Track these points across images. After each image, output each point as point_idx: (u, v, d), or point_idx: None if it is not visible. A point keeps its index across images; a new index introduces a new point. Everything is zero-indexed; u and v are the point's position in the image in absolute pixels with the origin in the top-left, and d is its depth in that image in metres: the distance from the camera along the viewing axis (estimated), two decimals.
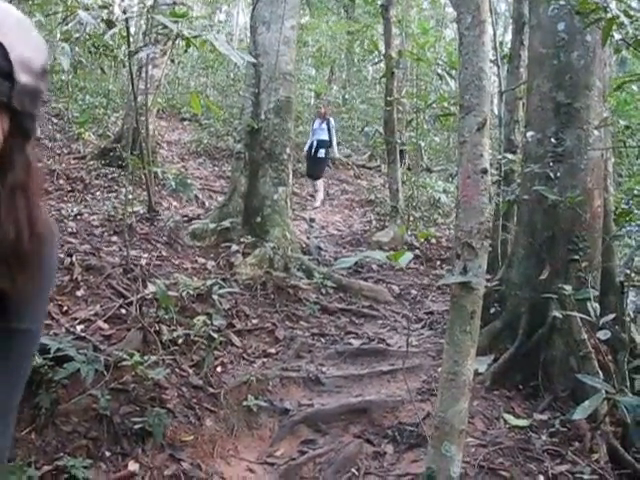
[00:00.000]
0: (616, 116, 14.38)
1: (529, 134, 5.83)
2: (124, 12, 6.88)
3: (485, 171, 2.84)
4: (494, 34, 10.82)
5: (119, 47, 12.02)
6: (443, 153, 19.24)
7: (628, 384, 4.62)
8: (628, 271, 5.28)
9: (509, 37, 11.30)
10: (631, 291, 5.82)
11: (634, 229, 6.06)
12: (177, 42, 6.10)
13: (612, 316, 4.63)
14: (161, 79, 11.28)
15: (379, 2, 13.07)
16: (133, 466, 3.90)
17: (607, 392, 4.18)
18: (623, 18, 4.43)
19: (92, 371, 4.05)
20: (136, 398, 4.35)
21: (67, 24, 5.74)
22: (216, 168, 14.35)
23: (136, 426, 4.10)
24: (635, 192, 7.95)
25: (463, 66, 2.92)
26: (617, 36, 4.74)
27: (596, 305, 4.77)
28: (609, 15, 4.41)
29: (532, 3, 6.21)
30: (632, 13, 4.38)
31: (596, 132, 5.53)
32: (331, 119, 13.90)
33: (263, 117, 7.99)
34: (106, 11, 6.56)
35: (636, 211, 6.15)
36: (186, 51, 6.32)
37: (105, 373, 4.28)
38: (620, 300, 5.05)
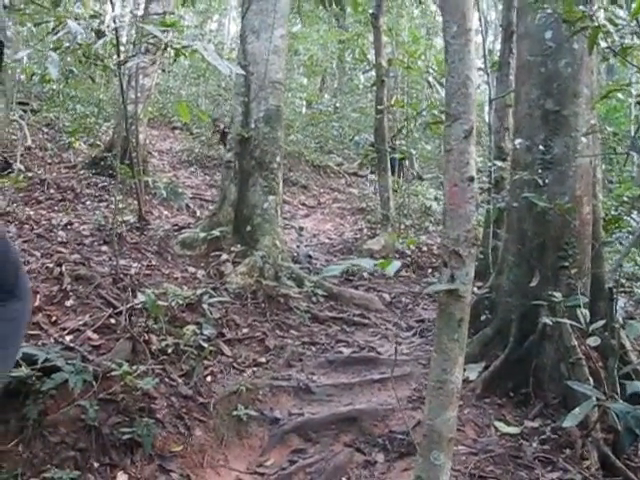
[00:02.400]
0: (606, 123, 14.47)
1: (518, 141, 5.85)
2: (114, 21, 6.88)
3: (472, 179, 2.83)
4: (484, 42, 10.88)
5: (110, 56, 12.01)
6: (434, 161, 19.27)
7: (618, 390, 4.62)
8: (617, 277, 5.29)
9: (499, 45, 11.35)
10: (621, 297, 5.83)
11: (623, 235, 6.09)
12: (167, 52, 6.09)
13: (602, 322, 4.64)
14: (152, 88, 11.28)
15: (369, 11, 13.12)
16: (122, 477, 3.89)
17: (598, 399, 4.18)
18: (609, 26, 4.47)
19: (80, 381, 4.03)
20: (125, 408, 4.33)
21: (56, 34, 5.71)
22: (207, 177, 14.34)
23: (125, 437, 4.09)
24: (624, 199, 7.99)
25: (449, 74, 2.92)
26: (603, 44, 4.76)
27: (586, 312, 4.78)
28: (595, 23, 4.44)
29: (520, 12, 6.24)
30: (617, 21, 4.40)
31: (584, 139, 5.55)
32: None
33: (253, 126, 7.98)
34: (97, 21, 6.56)
35: (625, 218, 6.18)
36: (175, 61, 6.32)
37: (94, 383, 4.27)
38: (610, 306, 5.05)
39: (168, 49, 5.99)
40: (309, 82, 26.12)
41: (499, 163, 8.25)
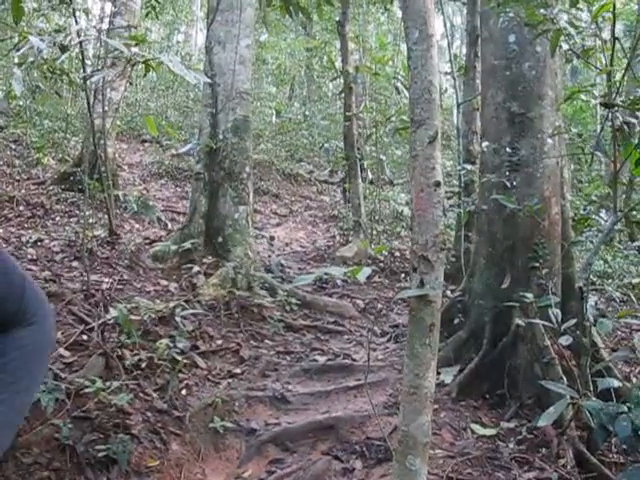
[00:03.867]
0: (572, 124, 14.64)
1: (485, 144, 5.90)
2: (78, 35, 6.84)
3: (438, 184, 2.85)
4: (449, 47, 10.97)
5: (76, 71, 11.96)
6: (405, 166, 19.34)
7: (591, 388, 4.66)
8: (587, 276, 5.34)
9: (465, 50, 11.44)
10: (592, 295, 5.88)
11: (593, 234, 6.15)
12: (136, 65, 6.06)
13: (573, 321, 4.68)
14: (120, 102, 11.21)
15: (336, 19, 13.16)
16: None
17: (571, 397, 4.22)
18: (570, 29, 4.52)
19: (52, 400, 3.99)
20: (99, 425, 4.28)
21: (18, 50, 5.67)
22: (178, 189, 14.27)
23: (100, 454, 4.04)
24: (593, 198, 8.08)
25: (412, 80, 2.93)
26: (565, 46, 4.81)
27: (557, 311, 4.82)
28: (556, 26, 4.49)
29: (483, 16, 6.31)
30: (577, 24, 4.46)
31: (550, 140, 5.61)
32: None
33: (221, 137, 7.96)
34: (62, 35, 6.51)
35: (594, 217, 6.24)
36: (145, 75, 6.26)
37: (67, 401, 4.22)
38: (580, 305, 5.10)
39: (134, 63, 5.97)
40: (278, 91, 26.13)
41: (468, 166, 8.31)
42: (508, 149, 5.64)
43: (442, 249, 2.90)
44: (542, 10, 4.55)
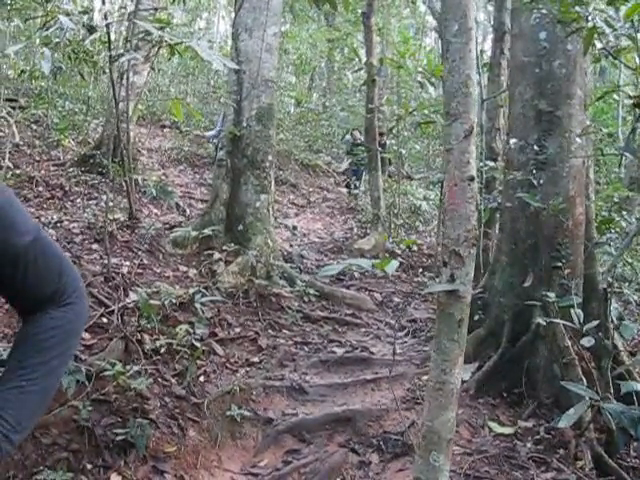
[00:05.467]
0: (595, 125, 14.53)
1: (511, 141, 5.85)
2: (105, 17, 6.83)
3: (472, 178, 2.82)
4: (476, 43, 10.87)
5: (99, 53, 11.94)
6: (423, 161, 19.29)
7: (612, 391, 4.63)
8: (610, 279, 5.30)
9: (488, 45, 11.37)
10: (614, 298, 5.84)
11: (613, 236, 6.10)
12: (160, 49, 6.04)
13: (596, 323, 4.63)
14: (142, 86, 11.20)
15: (360, 10, 13.11)
16: (115, 479, 3.85)
17: (591, 399, 4.18)
18: (604, 27, 4.46)
19: (74, 382, 3.98)
20: (118, 409, 4.29)
21: (47, 29, 5.65)
22: (197, 175, 14.27)
23: (118, 437, 4.05)
24: (615, 199, 8.01)
25: (450, 73, 2.90)
26: (598, 45, 4.75)
27: (580, 312, 4.77)
28: (590, 24, 4.44)
29: (514, 12, 6.24)
30: (613, 23, 4.40)
31: (578, 140, 5.55)
32: None
33: (245, 124, 7.94)
34: (86, 17, 6.50)
35: (617, 218, 6.19)
36: (170, 59, 6.25)
37: (87, 384, 4.22)
38: (603, 307, 5.06)
39: (160, 46, 5.95)
40: (298, 81, 26.08)
41: (490, 163, 8.25)
42: (535, 147, 5.58)
43: (474, 245, 2.87)
44: (577, 7, 4.50)
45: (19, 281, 1.47)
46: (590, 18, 4.45)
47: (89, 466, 3.87)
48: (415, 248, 10.40)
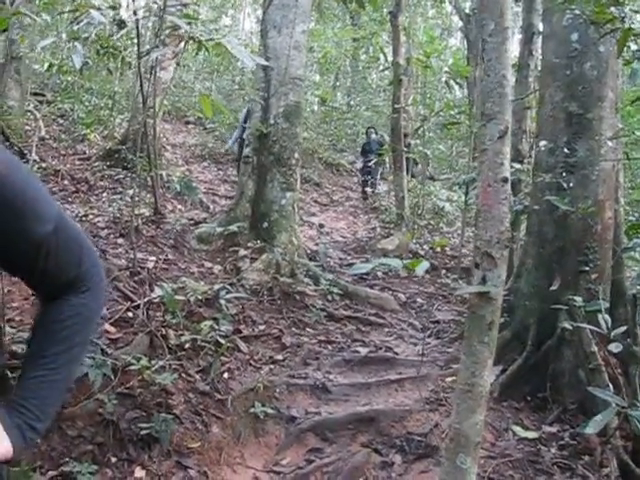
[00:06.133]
0: (627, 127, 14.40)
1: (541, 143, 5.79)
2: (134, 13, 6.84)
3: (506, 180, 2.79)
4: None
5: (126, 49, 11.99)
6: (446, 162, 19.22)
7: (639, 398, 4.57)
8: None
9: (514, 46, 11.29)
10: None
11: None
12: (188, 45, 6.05)
13: (624, 329, 4.58)
14: (169, 82, 11.25)
15: (385, 10, 13.07)
16: (139, 473, 3.86)
17: (618, 405, 4.13)
18: None
19: (100, 375, 4.00)
20: (142, 403, 4.30)
21: (78, 24, 5.68)
22: (220, 172, 14.32)
23: (142, 432, 4.05)
24: None
25: (485, 73, 2.87)
26: (633, 47, 4.70)
27: (607, 317, 4.72)
28: (626, 25, 4.38)
29: (545, 13, 6.19)
30: None
31: (609, 143, 5.50)
32: None
33: (272, 121, 7.94)
34: (113, 12, 6.52)
35: None
36: (197, 54, 6.24)
37: (112, 377, 4.23)
38: (632, 313, 5.00)
39: (189, 42, 5.96)
40: (322, 79, 26.09)
41: (517, 165, 8.19)
42: (565, 149, 5.53)
43: (506, 246, 2.85)
44: (612, 8, 4.44)
45: (39, 269, 1.46)
46: (626, 19, 4.40)
47: (113, 459, 3.89)
48: (438, 249, 10.36)
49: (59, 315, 1.49)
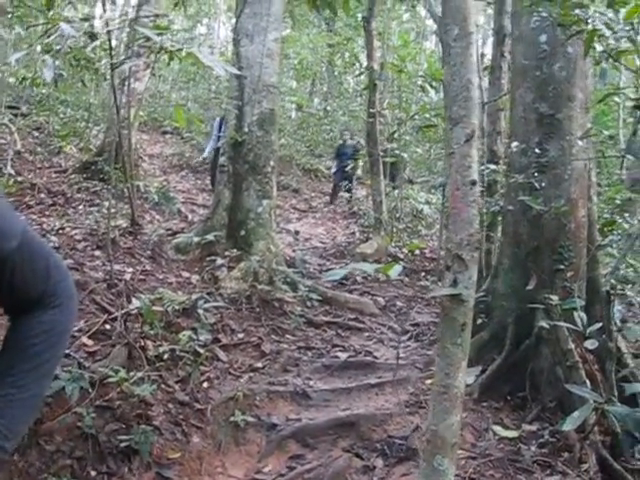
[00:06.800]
0: (596, 127, 14.53)
1: (513, 144, 5.85)
2: (106, 24, 6.84)
3: (474, 182, 2.82)
4: (476, 46, 10.87)
5: (100, 60, 11.97)
6: (424, 165, 19.29)
7: (616, 393, 4.62)
8: (614, 281, 5.29)
9: (488, 49, 11.39)
10: (617, 300, 5.83)
11: (616, 238, 6.09)
12: (160, 55, 6.04)
13: (599, 325, 4.63)
14: (143, 92, 11.22)
15: (360, 15, 13.13)
16: None
17: (595, 402, 4.17)
18: (604, 30, 4.46)
19: (77, 389, 3.98)
20: (122, 415, 4.28)
21: (49, 37, 5.67)
22: (198, 181, 14.30)
23: (122, 444, 4.04)
24: (617, 202, 8.00)
25: (451, 78, 2.90)
26: (599, 48, 4.76)
27: (583, 315, 4.77)
28: (590, 27, 4.44)
29: (514, 15, 6.25)
30: (613, 25, 4.40)
31: (580, 142, 5.56)
32: None
33: (247, 129, 7.94)
34: (87, 24, 6.51)
35: (619, 220, 6.18)
36: (169, 64, 6.26)
37: (90, 390, 4.21)
38: (607, 310, 5.05)
39: (161, 52, 5.95)
40: (299, 86, 26.11)
41: (492, 166, 8.24)
42: (536, 150, 5.58)
43: (477, 248, 2.87)
44: (577, 10, 4.50)
45: (5, 285, 1.45)
46: (590, 21, 4.46)
47: (93, 473, 3.87)
48: (418, 252, 10.40)
49: (28, 332, 1.48)
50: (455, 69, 2.89)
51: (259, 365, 5.73)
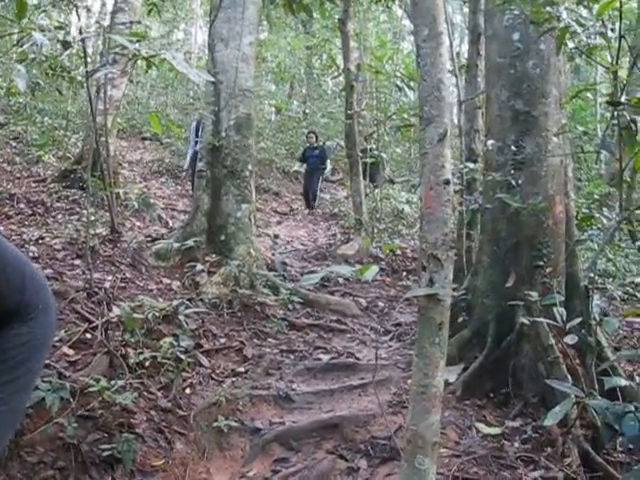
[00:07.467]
0: (573, 122, 14.66)
1: (489, 142, 5.87)
2: (80, 32, 6.81)
3: (447, 182, 2.83)
4: (451, 45, 10.94)
5: (77, 68, 11.91)
6: (405, 164, 19.36)
7: (597, 387, 4.65)
8: (592, 275, 5.32)
9: (465, 48, 11.42)
10: (595, 294, 5.87)
11: (595, 233, 6.13)
12: (137, 62, 6.03)
13: (578, 320, 4.65)
14: (121, 99, 11.18)
15: (336, 17, 13.14)
16: None
17: (577, 396, 4.19)
18: (575, 27, 4.50)
19: (57, 399, 3.96)
20: (104, 424, 4.26)
21: (22, 46, 5.64)
22: (179, 187, 14.26)
23: (105, 453, 4.02)
24: (595, 196, 8.06)
25: (422, 78, 2.91)
26: (570, 44, 4.79)
27: (562, 310, 4.79)
28: (562, 24, 4.47)
29: (487, 14, 6.28)
30: (584, 22, 4.44)
31: (555, 139, 5.59)
32: None
33: (224, 134, 7.93)
34: (62, 32, 6.47)
35: (597, 215, 6.23)
36: (147, 72, 6.23)
37: (71, 400, 4.18)
38: (585, 304, 5.09)
39: (136, 59, 5.93)
40: (277, 89, 26.12)
41: (470, 165, 8.27)
42: (512, 147, 5.61)
43: (451, 248, 2.89)
44: (548, 8, 4.54)
45: None
46: (561, 18, 4.49)
47: None
48: (399, 252, 10.41)
49: (5, 344, 1.45)
50: (426, 69, 2.91)
51: (241, 369, 5.72)
